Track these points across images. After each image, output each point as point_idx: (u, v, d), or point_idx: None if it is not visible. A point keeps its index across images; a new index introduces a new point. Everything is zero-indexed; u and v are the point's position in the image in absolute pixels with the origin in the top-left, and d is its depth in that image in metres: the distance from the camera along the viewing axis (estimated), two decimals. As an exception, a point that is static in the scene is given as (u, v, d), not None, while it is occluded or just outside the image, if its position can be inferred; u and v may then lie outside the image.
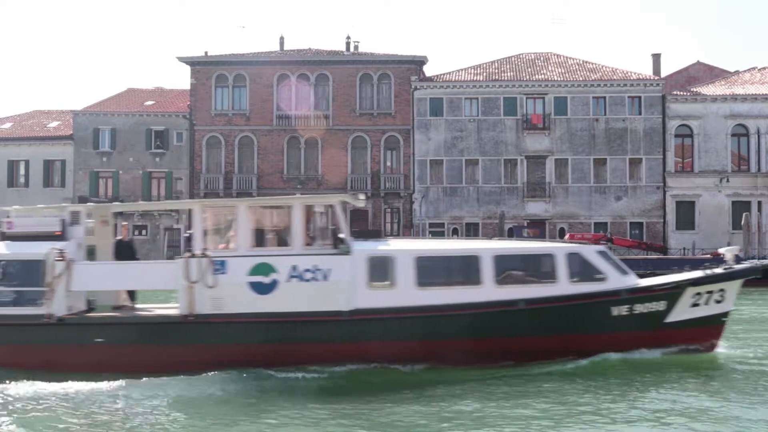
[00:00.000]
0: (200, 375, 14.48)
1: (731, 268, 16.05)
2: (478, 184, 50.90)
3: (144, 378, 14.43)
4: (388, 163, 52.08)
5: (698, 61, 58.62)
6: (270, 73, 52.57)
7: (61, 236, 15.69)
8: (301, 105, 52.02)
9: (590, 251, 15.73)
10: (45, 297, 15.19)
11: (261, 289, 15.01)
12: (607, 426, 11.62)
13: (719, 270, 15.98)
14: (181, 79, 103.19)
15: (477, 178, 50.95)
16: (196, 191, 52.03)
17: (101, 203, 19.56)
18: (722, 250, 17.23)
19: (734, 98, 49.90)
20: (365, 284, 15.07)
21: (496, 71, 52.95)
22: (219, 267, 15.08)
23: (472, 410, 12.55)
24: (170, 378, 14.35)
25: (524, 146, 50.70)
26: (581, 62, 54.38)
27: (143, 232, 51.73)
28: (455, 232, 50.34)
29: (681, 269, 18.97)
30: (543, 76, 51.87)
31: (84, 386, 14.01)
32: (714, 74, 56.25)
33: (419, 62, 52.52)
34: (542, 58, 55.27)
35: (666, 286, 15.73)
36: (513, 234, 45.35)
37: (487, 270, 15.10)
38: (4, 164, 53.97)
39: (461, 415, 12.30)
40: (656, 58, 53.67)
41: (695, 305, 15.73)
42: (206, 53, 54.22)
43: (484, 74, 52.54)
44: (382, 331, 14.92)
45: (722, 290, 15.91)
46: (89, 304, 16.39)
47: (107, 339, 15.23)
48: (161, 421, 12.24)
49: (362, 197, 19.30)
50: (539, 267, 15.84)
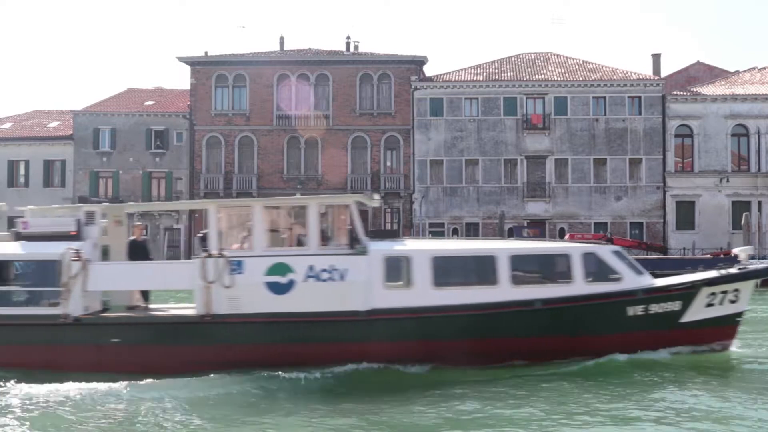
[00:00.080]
0: (200, 375, 14.40)
1: (746, 268, 16.11)
2: (478, 184, 50.92)
3: (153, 379, 14.37)
4: (388, 163, 52.07)
5: (698, 61, 58.70)
6: (270, 73, 52.52)
7: (77, 236, 15.64)
8: (301, 105, 51.98)
9: (606, 251, 15.74)
10: (61, 297, 15.14)
11: (278, 289, 14.99)
12: (618, 427, 11.59)
13: (734, 270, 16.02)
14: (181, 79, 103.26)
15: (477, 178, 50.96)
16: (196, 191, 51.95)
17: (112, 204, 19.53)
18: (736, 250, 17.31)
19: (734, 98, 50.01)
20: (382, 284, 15.06)
21: (496, 71, 52.99)
22: (236, 267, 15.05)
23: (476, 410, 12.51)
24: (170, 378, 14.30)
25: (524, 146, 50.74)
26: (581, 62, 54.43)
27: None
28: (455, 232, 50.31)
29: (695, 269, 19.00)
30: (543, 76, 51.91)
31: (98, 387, 13.95)
32: (714, 74, 56.33)
33: (419, 62, 52.52)
34: (542, 58, 55.31)
35: (681, 286, 15.74)
36: (513, 234, 45.13)
37: (504, 270, 15.09)
38: (4, 164, 53.84)
39: (464, 415, 12.27)
40: (656, 58, 53.76)
41: (710, 305, 15.76)
42: (206, 53, 54.14)
43: (484, 74, 52.57)
44: (399, 331, 14.91)
45: (737, 290, 15.92)
46: (104, 305, 16.36)
47: (124, 339, 15.19)
48: (162, 421, 12.25)
49: (377, 197, 19.38)
50: (555, 267, 15.86)
